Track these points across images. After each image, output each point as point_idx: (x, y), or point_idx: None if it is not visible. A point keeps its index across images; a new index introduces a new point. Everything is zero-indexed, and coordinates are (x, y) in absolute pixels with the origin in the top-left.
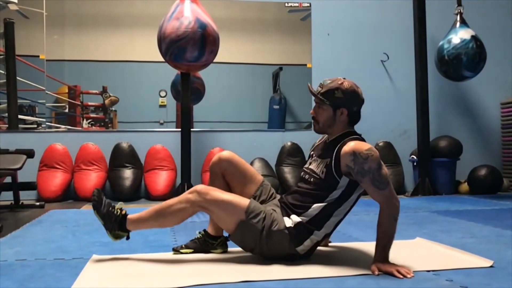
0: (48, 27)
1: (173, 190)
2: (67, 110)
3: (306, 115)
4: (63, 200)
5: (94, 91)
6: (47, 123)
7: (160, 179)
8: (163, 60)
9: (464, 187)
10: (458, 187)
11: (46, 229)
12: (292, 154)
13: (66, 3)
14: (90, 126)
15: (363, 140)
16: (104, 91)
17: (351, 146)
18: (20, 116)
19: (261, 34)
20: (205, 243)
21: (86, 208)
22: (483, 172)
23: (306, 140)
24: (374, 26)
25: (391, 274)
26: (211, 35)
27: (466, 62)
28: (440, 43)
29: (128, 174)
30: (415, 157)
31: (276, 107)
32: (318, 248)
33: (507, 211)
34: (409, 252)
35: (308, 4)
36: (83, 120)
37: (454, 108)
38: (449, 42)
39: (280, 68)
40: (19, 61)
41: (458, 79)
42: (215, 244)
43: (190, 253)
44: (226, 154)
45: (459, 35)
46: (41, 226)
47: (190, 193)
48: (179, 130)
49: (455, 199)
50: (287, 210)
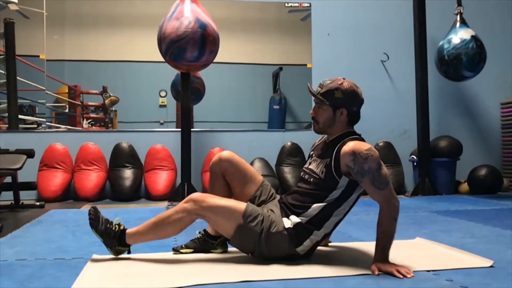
0: (48, 27)
1: (173, 190)
2: (67, 110)
3: (306, 115)
4: (63, 200)
5: (94, 91)
6: (47, 123)
7: (160, 179)
8: (163, 60)
9: (464, 187)
10: (458, 187)
11: (46, 229)
12: (292, 154)
13: (66, 3)
14: (90, 126)
15: (363, 140)
16: (104, 91)
17: (350, 146)
18: (20, 116)
19: (261, 34)
20: (205, 243)
21: (86, 208)
22: (483, 172)
23: (306, 140)
24: (374, 26)
25: (391, 274)
26: (211, 35)
27: (466, 62)
28: (440, 43)
29: (128, 174)
30: (415, 157)
31: (276, 107)
32: (318, 248)
33: (507, 211)
34: (409, 252)
35: (308, 4)
36: (83, 120)
37: (454, 108)
38: (449, 42)
39: (280, 68)
40: (19, 61)
41: (458, 79)
42: (215, 244)
43: (190, 253)
44: (226, 154)
45: (459, 35)
46: (41, 226)
47: (186, 202)
48: (179, 130)
49: (455, 199)
50: (286, 211)
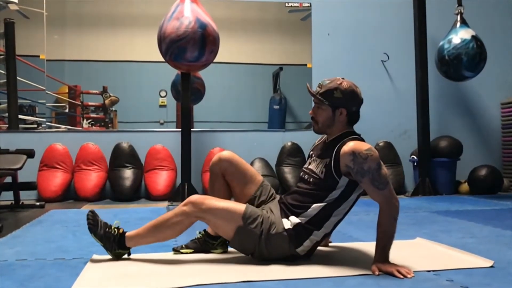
0: (49, 27)
1: (173, 190)
2: (67, 110)
3: (306, 115)
4: (63, 200)
5: (94, 91)
6: (47, 123)
7: (160, 179)
8: (163, 60)
9: (464, 187)
10: (458, 187)
11: (46, 229)
12: (292, 154)
13: (66, 3)
14: (90, 126)
15: (363, 140)
16: (104, 91)
17: (350, 146)
18: (20, 116)
19: (261, 34)
20: (205, 243)
21: (86, 208)
22: (483, 172)
23: (306, 140)
24: (374, 26)
25: (391, 274)
26: (211, 35)
27: (467, 62)
28: (441, 43)
29: (128, 174)
30: (415, 157)
31: (276, 107)
32: (318, 248)
33: (507, 211)
34: (409, 252)
35: (308, 4)
36: (83, 120)
37: (454, 108)
38: (449, 42)
39: (280, 68)
40: (19, 61)
41: (459, 79)
42: (215, 244)
43: (190, 253)
44: (226, 154)
45: (460, 35)
46: (41, 226)
47: (184, 205)
48: (179, 130)
49: (455, 199)
50: (286, 211)
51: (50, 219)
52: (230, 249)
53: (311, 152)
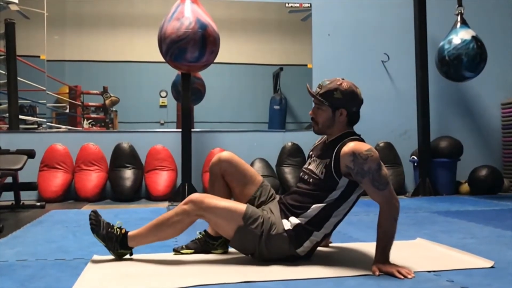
0: (49, 28)
1: (173, 190)
2: (67, 111)
3: (307, 115)
4: (63, 201)
5: (95, 92)
6: (47, 124)
7: (161, 179)
8: (163, 60)
9: (465, 187)
10: (458, 188)
11: (46, 229)
12: (292, 154)
13: (66, 3)
14: (90, 126)
15: (363, 140)
16: (104, 91)
17: (350, 146)
18: (20, 117)
19: (261, 34)
20: (205, 243)
21: (87, 208)
22: (483, 172)
23: (306, 141)
24: (375, 26)
25: (391, 275)
26: (212, 35)
27: (467, 63)
28: (441, 43)
29: (128, 174)
30: (416, 157)
31: (276, 107)
32: (319, 248)
33: (508, 212)
34: (409, 253)
35: (308, 5)
36: (83, 121)
37: (455, 108)
38: (449, 42)
39: (281, 69)
40: (20, 61)
41: (459, 80)
42: (216, 244)
43: (190, 253)
44: (225, 154)
45: (460, 36)
46: (41, 227)
47: (185, 204)
48: (180, 130)
49: (455, 200)
50: (286, 212)
51: (51, 219)
52: (231, 249)
53: (311, 153)
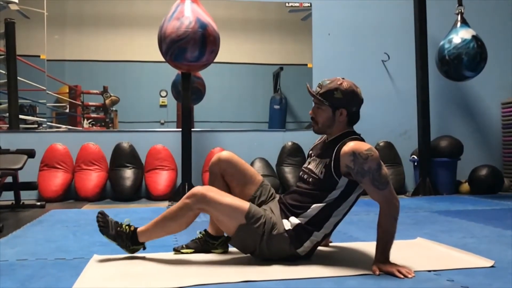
0: (49, 27)
1: (173, 190)
2: (67, 110)
3: (307, 115)
4: (64, 200)
5: (95, 91)
6: (47, 123)
7: (161, 179)
8: (163, 60)
9: (465, 187)
10: (458, 187)
11: (47, 229)
12: (292, 154)
13: (66, 3)
14: (90, 126)
15: (363, 140)
16: (104, 91)
17: (350, 146)
18: (21, 116)
19: (261, 34)
20: (205, 243)
21: (87, 208)
22: (483, 172)
23: (306, 140)
24: (375, 26)
25: (392, 274)
26: (212, 35)
27: (467, 62)
28: (441, 43)
29: (128, 174)
30: (416, 157)
31: (276, 107)
32: (319, 248)
33: (508, 211)
34: (410, 252)
35: (308, 4)
36: (83, 120)
37: (455, 108)
38: (450, 42)
39: (281, 68)
40: (20, 61)
41: (459, 79)
42: (216, 244)
43: (191, 253)
44: (225, 154)
45: (460, 35)
46: (42, 226)
47: (187, 197)
48: (180, 130)
49: (455, 199)
50: (286, 212)
51: (51, 219)
52: (231, 249)
53: (311, 152)
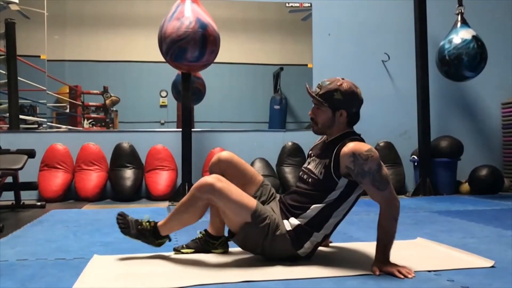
0: (49, 27)
1: (174, 190)
2: (68, 110)
3: (307, 115)
4: (64, 200)
5: (95, 91)
6: (48, 123)
7: (161, 179)
8: (163, 60)
9: (465, 187)
10: (459, 187)
11: (47, 229)
12: (292, 154)
13: (67, 3)
14: (91, 126)
15: (363, 140)
16: (105, 91)
17: (350, 147)
18: (21, 116)
19: (262, 34)
20: (206, 243)
21: (87, 208)
22: (484, 172)
23: (306, 140)
24: (375, 26)
25: (392, 274)
26: (212, 35)
27: (467, 62)
28: (441, 43)
29: (129, 174)
30: (416, 157)
31: (276, 107)
32: (319, 248)
33: (508, 211)
34: (410, 252)
35: (309, 4)
36: (84, 120)
37: (455, 108)
38: (450, 42)
39: (281, 68)
40: (20, 61)
41: (459, 79)
42: (216, 244)
43: (191, 253)
44: (225, 154)
45: (460, 35)
46: (42, 226)
47: (196, 188)
48: (180, 130)
49: (456, 199)
50: (286, 212)
51: (51, 219)
52: (231, 249)
53: (311, 152)
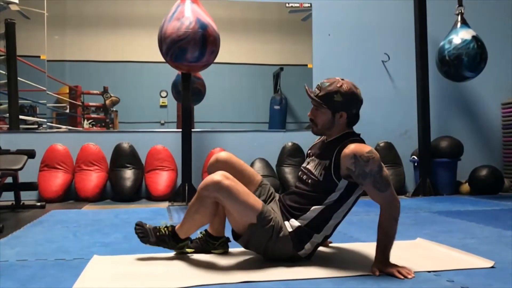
0: (49, 28)
1: (173, 190)
2: (68, 111)
3: (307, 115)
4: (64, 201)
5: (95, 92)
6: (48, 124)
7: (161, 179)
8: (163, 60)
9: (465, 187)
10: (459, 188)
11: (47, 229)
12: (292, 154)
13: (67, 3)
14: (91, 126)
15: (363, 141)
16: (105, 91)
17: (351, 148)
18: (21, 117)
19: (262, 34)
20: (206, 243)
21: (87, 209)
22: (484, 172)
23: (306, 141)
24: (375, 26)
25: (391, 275)
26: (212, 35)
27: (467, 62)
28: (441, 43)
29: (129, 174)
30: (416, 157)
31: (276, 107)
32: (319, 248)
33: (508, 212)
34: (410, 253)
35: (309, 5)
36: (84, 121)
37: (455, 108)
38: (450, 42)
39: (281, 69)
40: (20, 61)
41: (459, 79)
42: (216, 244)
43: (191, 253)
44: (223, 155)
45: (460, 36)
46: (42, 227)
47: (202, 187)
48: (180, 130)
49: (456, 200)
50: (286, 214)
51: (51, 219)
52: (231, 249)
53: (310, 151)
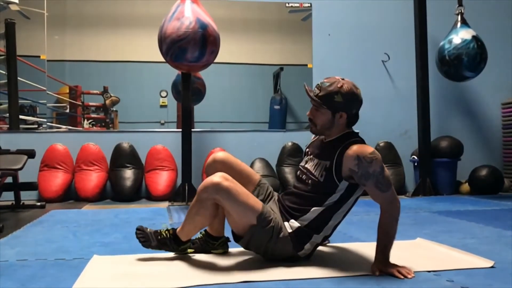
0: (49, 28)
1: (173, 190)
2: (68, 111)
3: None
4: (64, 201)
5: (95, 91)
6: (48, 123)
7: (161, 179)
8: (163, 60)
9: (465, 187)
10: (459, 188)
11: (47, 229)
12: (292, 154)
13: (67, 3)
14: (91, 126)
15: (363, 141)
16: (105, 91)
17: (354, 150)
18: (21, 117)
19: (262, 34)
20: (206, 243)
21: (87, 209)
22: (484, 172)
23: (306, 141)
24: (375, 26)
25: (391, 275)
26: (212, 35)
27: (467, 62)
28: (441, 43)
29: (129, 174)
30: (416, 157)
31: (276, 107)
32: (319, 248)
33: (508, 212)
34: (410, 253)
35: (309, 5)
36: (84, 120)
37: (455, 108)
38: (450, 42)
39: (281, 68)
40: (20, 61)
41: (459, 79)
42: (216, 244)
43: (190, 253)
44: (220, 155)
45: (460, 35)
46: (42, 226)
47: (201, 189)
48: (180, 130)
49: (456, 200)
50: (285, 214)
51: (51, 219)
52: (231, 249)
53: (308, 150)
